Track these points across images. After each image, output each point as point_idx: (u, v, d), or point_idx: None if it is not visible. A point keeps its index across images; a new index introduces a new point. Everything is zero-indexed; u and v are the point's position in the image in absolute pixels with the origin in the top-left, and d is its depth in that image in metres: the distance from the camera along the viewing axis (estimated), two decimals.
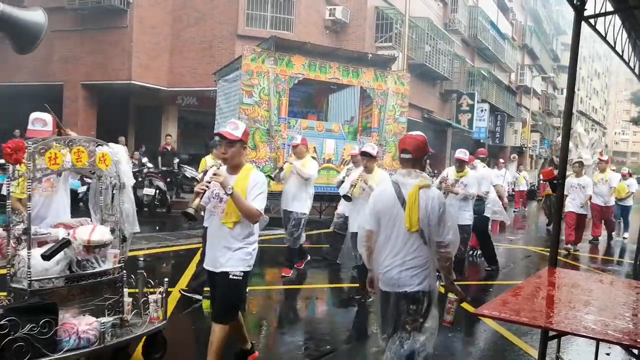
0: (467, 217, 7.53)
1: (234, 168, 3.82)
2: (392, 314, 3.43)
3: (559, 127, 46.84)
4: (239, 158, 3.81)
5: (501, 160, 16.92)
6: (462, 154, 7.74)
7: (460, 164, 7.70)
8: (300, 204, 7.37)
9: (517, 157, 25.51)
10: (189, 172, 13.84)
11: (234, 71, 12.43)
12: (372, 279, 3.66)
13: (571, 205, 10.64)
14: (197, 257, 6.87)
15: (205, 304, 5.77)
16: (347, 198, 6.51)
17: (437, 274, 3.52)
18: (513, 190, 20.28)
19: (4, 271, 3.77)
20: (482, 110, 27.07)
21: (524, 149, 39.47)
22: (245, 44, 13.22)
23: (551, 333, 3.71)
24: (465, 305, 6.46)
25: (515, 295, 3.54)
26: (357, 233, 5.43)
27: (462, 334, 5.58)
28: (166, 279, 4.31)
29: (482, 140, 28.70)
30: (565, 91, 5.54)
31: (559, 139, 14.79)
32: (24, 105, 17.01)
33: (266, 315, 6.09)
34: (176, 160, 15.40)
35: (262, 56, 11.60)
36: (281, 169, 7.76)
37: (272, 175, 8.18)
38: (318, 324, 5.85)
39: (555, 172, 6.10)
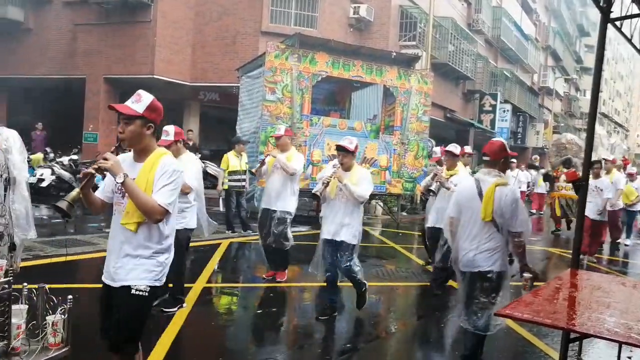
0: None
1: (140, 153, 3.01)
2: (469, 290, 4.04)
3: (580, 128, 46.27)
4: (143, 140, 2.98)
5: (513, 161, 16.54)
6: (452, 147, 7.30)
7: (451, 158, 7.19)
8: (284, 202, 6.63)
9: (538, 158, 25.22)
10: (211, 168, 13.83)
11: (257, 67, 12.44)
12: (456, 259, 4.23)
13: (587, 209, 9.86)
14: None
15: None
16: (316, 197, 5.95)
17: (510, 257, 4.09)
18: (529, 191, 19.85)
19: None
20: (504, 111, 26.82)
21: (545, 150, 39.04)
22: (269, 40, 13.21)
23: (573, 335, 3.70)
24: None
25: (536, 297, 3.55)
26: (331, 240, 5.38)
27: None
28: (70, 296, 3.11)
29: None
30: (588, 93, 5.45)
31: (563, 137, 14.49)
32: (45, 97, 17.41)
33: (283, 312, 6.07)
34: (198, 156, 15.43)
35: (286, 53, 11.58)
36: (262, 162, 7.01)
37: (254, 170, 7.72)
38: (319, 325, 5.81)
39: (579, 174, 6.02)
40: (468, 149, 9.43)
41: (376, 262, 8.64)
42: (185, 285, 6.02)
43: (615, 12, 5.08)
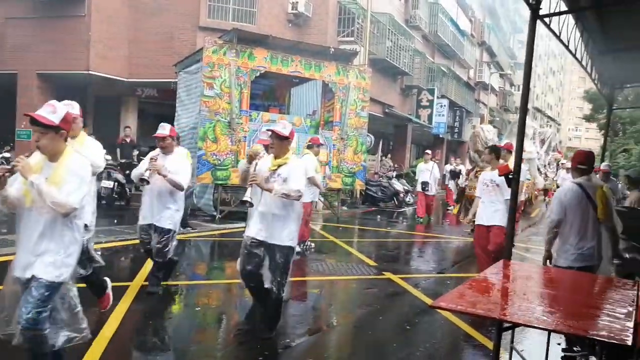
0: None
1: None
2: None
3: (516, 122, 47.83)
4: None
5: (429, 152, 15.70)
6: (281, 126, 4.91)
7: (279, 142, 4.94)
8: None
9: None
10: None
11: (195, 63, 12.34)
12: (549, 257, 4.97)
13: (479, 215, 7.31)
14: None
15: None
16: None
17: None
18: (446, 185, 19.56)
19: None
20: (441, 106, 27.45)
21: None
22: (207, 35, 13.09)
23: (505, 324, 3.80)
24: (422, 297, 6.65)
25: (471, 288, 3.64)
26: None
27: (419, 326, 5.70)
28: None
29: (441, 135, 29.14)
30: (521, 88, 5.70)
31: (477, 128, 14.76)
32: None
33: (225, 309, 6.11)
34: (135, 153, 15.16)
35: (224, 48, 11.55)
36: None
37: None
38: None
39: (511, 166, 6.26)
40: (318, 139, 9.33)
41: (317, 257, 8.77)
42: (123, 283, 5.98)
43: (545, 9, 5.33)
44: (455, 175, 17.72)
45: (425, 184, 14.52)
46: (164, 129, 5.85)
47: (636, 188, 8.98)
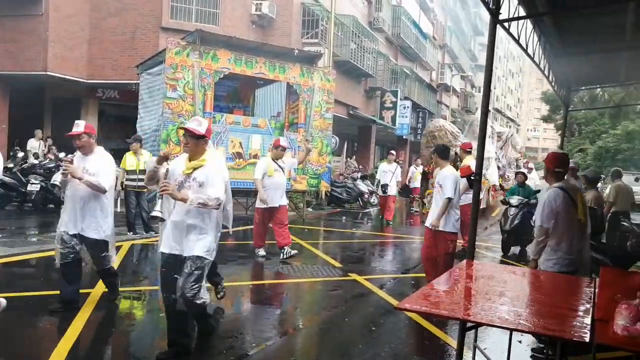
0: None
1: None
2: None
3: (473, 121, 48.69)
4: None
5: (393, 153, 15.42)
6: (195, 123, 4.38)
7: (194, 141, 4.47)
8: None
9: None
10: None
11: (157, 64, 12.19)
12: (536, 266, 4.80)
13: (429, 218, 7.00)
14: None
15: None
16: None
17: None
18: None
19: None
20: (404, 107, 27.77)
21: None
22: (170, 36, 12.97)
23: (469, 324, 3.86)
24: (387, 298, 6.72)
25: (435, 288, 3.70)
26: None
27: (384, 327, 5.75)
28: None
29: (404, 137, 29.47)
30: (482, 89, 5.80)
31: (432, 124, 14.61)
32: None
33: (164, 319, 6.03)
34: None
35: (187, 50, 11.44)
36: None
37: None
38: (244, 321, 5.88)
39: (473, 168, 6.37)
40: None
41: (283, 259, 8.74)
42: (85, 290, 5.86)
43: (504, 14, 5.47)
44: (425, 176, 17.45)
45: (385, 187, 14.04)
46: (77, 127, 5.26)
47: (593, 188, 9.23)
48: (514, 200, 10.56)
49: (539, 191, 10.62)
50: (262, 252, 8.68)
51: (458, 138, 11.62)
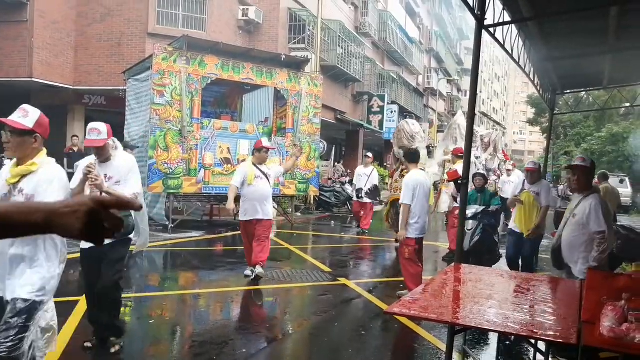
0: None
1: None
2: None
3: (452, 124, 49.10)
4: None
5: (369, 156, 14.19)
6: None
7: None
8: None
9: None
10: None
11: (144, 70, 12.15)
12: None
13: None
14: None
15: None
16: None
17: None
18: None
19: None
20: (391, 112, 27.88)
21: (431, 148, 41.06)
22: (156, 42, 12.94)
23: (458, 327, 3.92)
24: (377, 302, 6.74)
25: (424, 292, 3.73)
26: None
27: (374, 331, 5.78)
28: None
29: (392, 141, 29.53)
30: (468, 93, 5.87)
31: (402, 122, 14.25)
32: None
33: (179, 320, 6.03)
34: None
35: (174, 55, 11.42)
36: None
37: None
38: (234, 326, 5.88)
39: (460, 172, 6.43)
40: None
41: (272, 264, 8.72)
42: (73, 298, 5.83)
43: (489, 20, 5.55)
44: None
45: (359, 191, 13.04)
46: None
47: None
48: (470, 211, 7.58)
49: (499, 196, 9.72)
50: (247, 272, 7.53)
51: (415, 140, 11.14)
